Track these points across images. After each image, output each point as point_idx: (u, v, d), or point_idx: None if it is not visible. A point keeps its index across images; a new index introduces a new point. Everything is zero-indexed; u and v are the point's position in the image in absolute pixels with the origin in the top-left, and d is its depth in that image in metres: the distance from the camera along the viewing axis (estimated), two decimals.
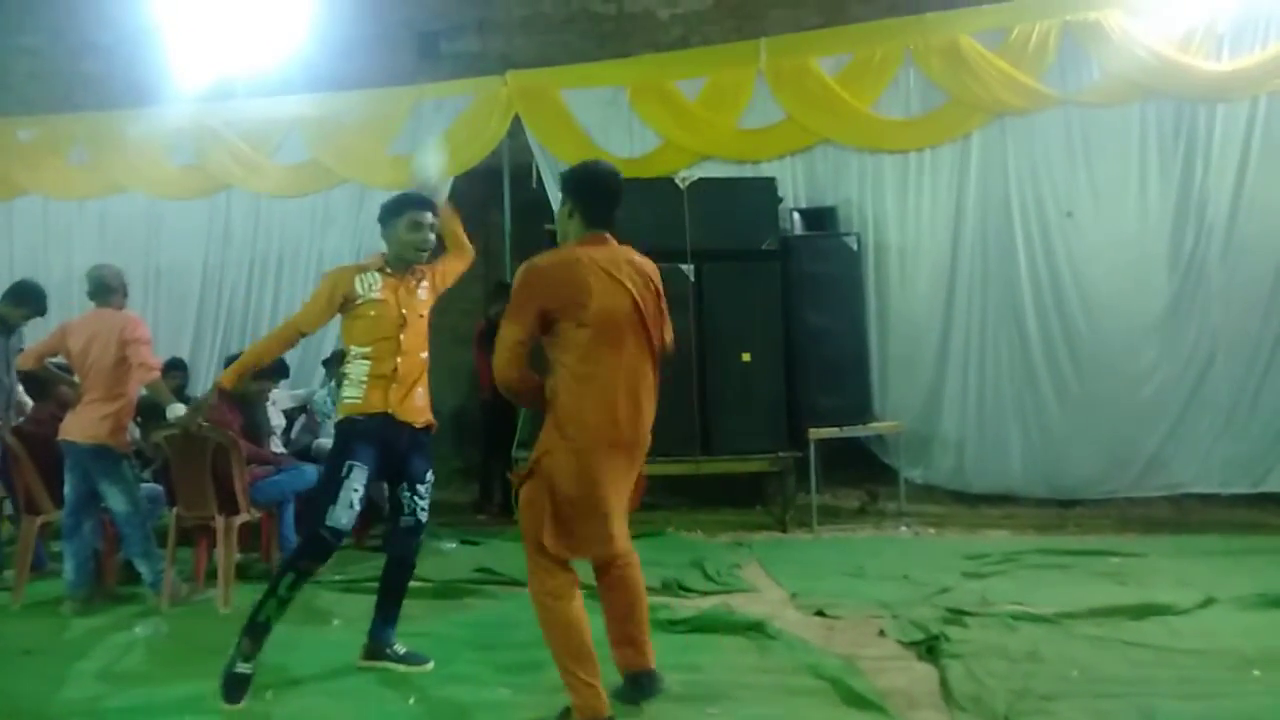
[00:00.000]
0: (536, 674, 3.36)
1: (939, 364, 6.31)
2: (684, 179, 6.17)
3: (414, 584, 4.59)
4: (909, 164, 6.41)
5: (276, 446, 5.55)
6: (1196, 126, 5.87)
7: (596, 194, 2.96)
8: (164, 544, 4.54)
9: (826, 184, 6.57)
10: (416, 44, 7.48)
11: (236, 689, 3.12)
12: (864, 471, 6.50)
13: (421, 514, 3.50)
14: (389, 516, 3.63)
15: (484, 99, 6.83)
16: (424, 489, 3.49)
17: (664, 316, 3.01)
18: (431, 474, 3.55)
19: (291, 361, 6.78)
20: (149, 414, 5.19)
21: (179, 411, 4.43)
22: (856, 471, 6.52)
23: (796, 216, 6.40)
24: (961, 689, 3.08)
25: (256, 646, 3.17)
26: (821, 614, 4.05)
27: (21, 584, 4.60)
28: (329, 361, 6.45)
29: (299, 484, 5.06)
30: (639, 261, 2.97)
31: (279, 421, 5.91)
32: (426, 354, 3.52)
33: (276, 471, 5.04)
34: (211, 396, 3.85)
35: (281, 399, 6.12)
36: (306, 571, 3.22)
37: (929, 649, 3.50)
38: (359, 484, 3.23)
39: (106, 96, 7.49)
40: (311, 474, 5.16)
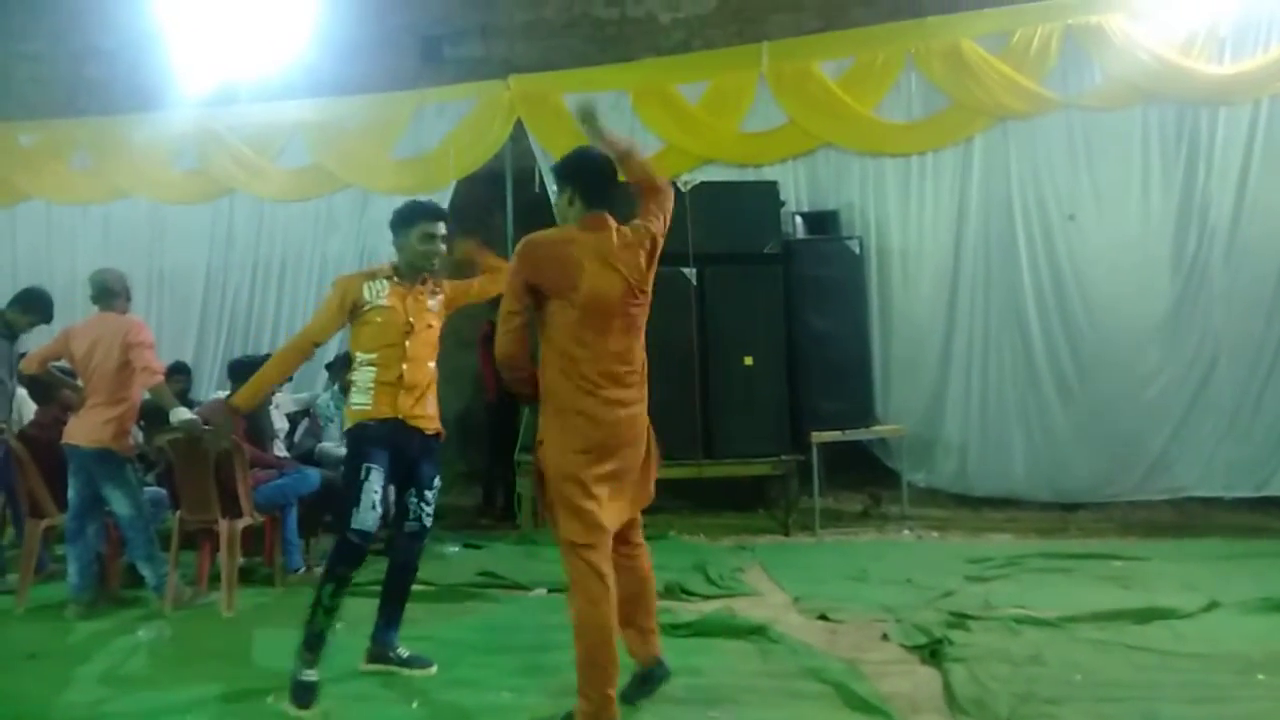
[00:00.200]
0: (540, 678, 3.36)
1: (941, 367, 6.31)
2: (686, 183, 6.18)
3: (417, 588, 4.59)
4: (911, 167, 6.41)
5: (279, 450, 5.54)
6: (1198, 130, 5.87)
7: (594, 176, 3.01)
8: (167, 547, 4.55)
9: (828, 187, 6.57)
10: (419, 48, 7.49)
11: (304, 695, 3.15)
12: (866, 475, 6.49)
13: (426, 519, 3.52)
14: (393, 521, 3.65)
15: (486, 103, 6.84)
16: (431, 495, 3.52)
17: (653, 264, 3.02)
18: (439, 480, 3.58)
19: None
20: (152, 418, 5.19)
21: (183, 415, 4.44)
22: (859, 475, 6.51)
23: (799, 220, 6.41)
24: (965, 693, 3.08)
25: (316, 655, 3.20)
26: (824, 618, 4.05)
27: (25, 588, 4.61)
28: (332, 365, 6.46)
29: (302, 488, 5.07)
30: (631, 237, 2.96)
31: (282, 425, 5.91)
32: (434, 364, 3.53)
33: (279, 475, 5.04)
34: (228, 424, 3.82)
35: (285, 403, 6.13)
36: (343, 578, 3.24)
37: (932, 653, 3.50)
38: (378, 485, 3.28)
39: (109, 101, 7.50)
40: (314, 478, 5.17)
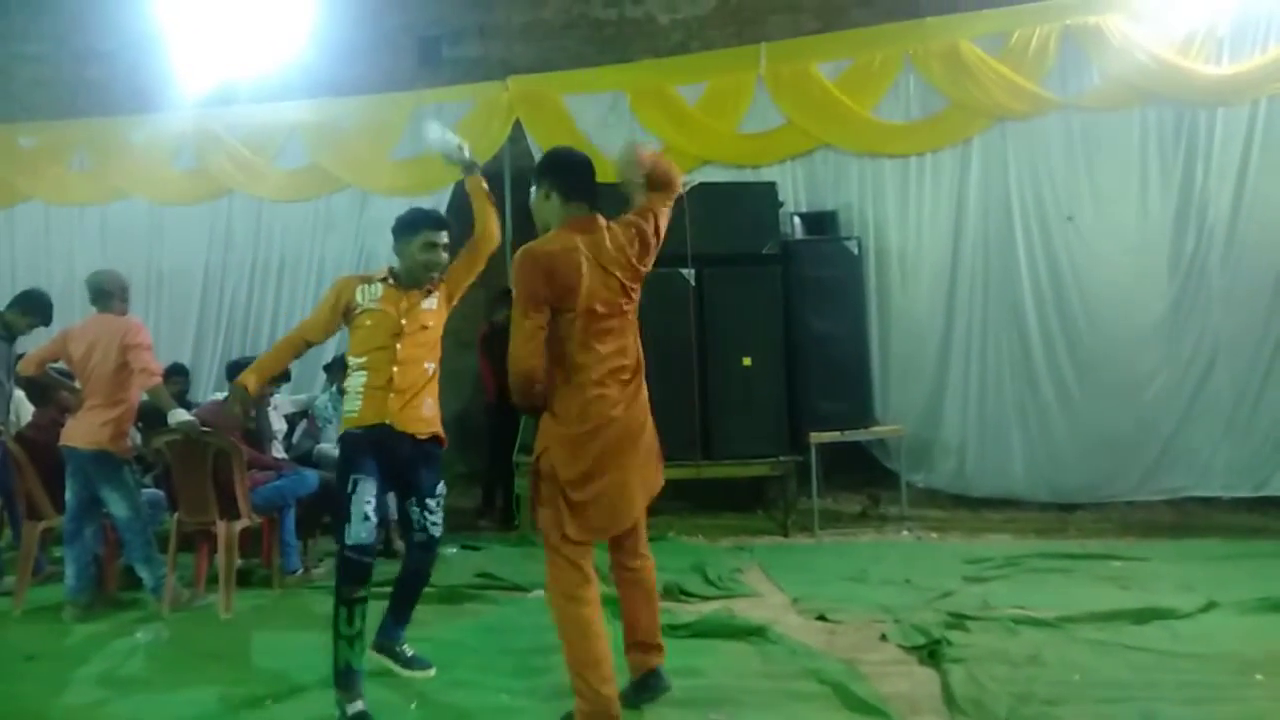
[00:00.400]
0: (538, 679, 3.36)
1: (940, 368, 6.31)
2: (684, 183, 6.16)
3: None
4: (909, 168, 6.41)
5: (278, 451, 5.54)
6: (1197, 130, 5.87)
7: (568, 169, 2.98)
8: (165, 549, 4.54)
9: (827, 188, 6.57)
10: (417, 49, 7.49)
11: None
12: (865, 476, 6.49)
13: (433, 529, 3.36)
14: (401, 531, 3.51)
15: (485, 104, 6.84)
16: (433, 503, 3.35)
17: (646, 258, 3.01)
18: (442, 487, 3.40)
19: (293, 366, 6.79)
20: (150, 419, 5.19)
21: (181, 417, 4.45)
22: (858, 476, 6.51)
23: (797, 221, 6.41)
24: (963, 693, 3.08)
25: (354, 689, 3.07)
26: (823, 619, 4.05)
27: (23, 590, 4.60)
28: (330, 366, 6.45)
29: (300, 489, 5.06)
30: (623, 236, 2.94)
31: (280, 426, 5.91)
32: (433, 365, 3.39)
33: (277, 476, 5.04)
34: (241, 401, 3.51)
35: (283, 404, 6.12)
36: (352, 599, 3.10)
37: (931, 653, 3.50)
38: (368, 496, 3.16)
39: (108, 102, 7.50)
40: (312, 479, 5.16)
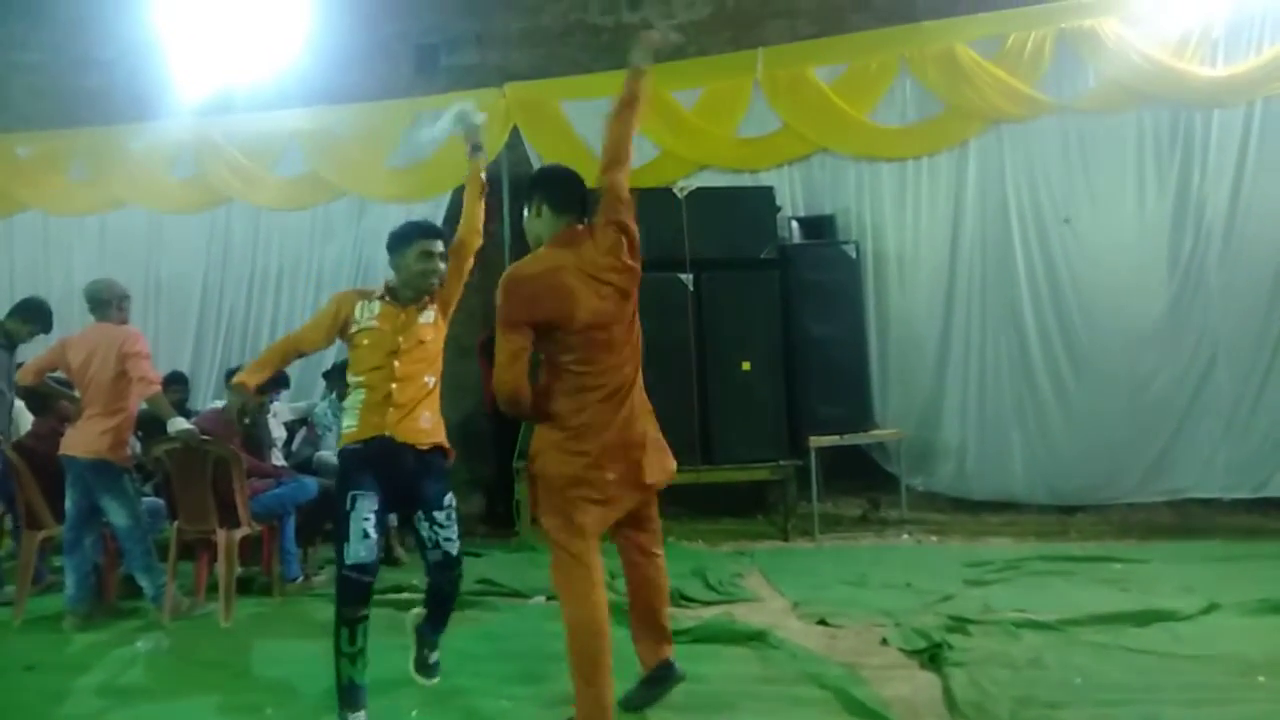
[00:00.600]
0: (538, 685, 3.36)
1: (939, 371, 6.32)
2: (682, 189, 6.19)
3: (416, 595, 4.62)
4: (906, 172, 6.43)
5: (277, 459, 5.54)
6: (1193, 132, 5.88)
7: (555, 182, 3.01)
8: (165, 558, 4.54)
9: (824, 192, 6.58)
10: (415, 57, 7.49)
11: None
12: (865, 479, 6.49)
13: (447, 545, 3.15)
14: (420, 554, 3.30)
15: (482, 111, 6.83)
16: (442, 516, 3.15)
17: (636, 255, 2.97)
18: (451, 499, 3.21)
19: (292, 374, 6.78)
20: (150, 428, 5.19)
21: (180, 425, 4.45)
22: (858, 480, 6.51)
23: (795, 225, 6.42)
24: (965, 697, 3.08)
25: (358, 704, 3.00)
26: (824, 623, 4.04)
27: (23, 599, 4.59)
28: (329, 374, 6.45)
29: (300, 497, 5.06)
30: (609, 240, 2.92)
31: (280, 434, 5.91)
32: (433, 378, 3.30)
33: (277, 484, 5.04)
34: (242, 398, 3.38)
35: (282, 411, 6.13)
36: (352, 619, 2.99)
37: (932, 657, 3.50)
38: (367, 512, 3.03)
39: (106, 111, 7.50)
40: (312, 487, 5.16)
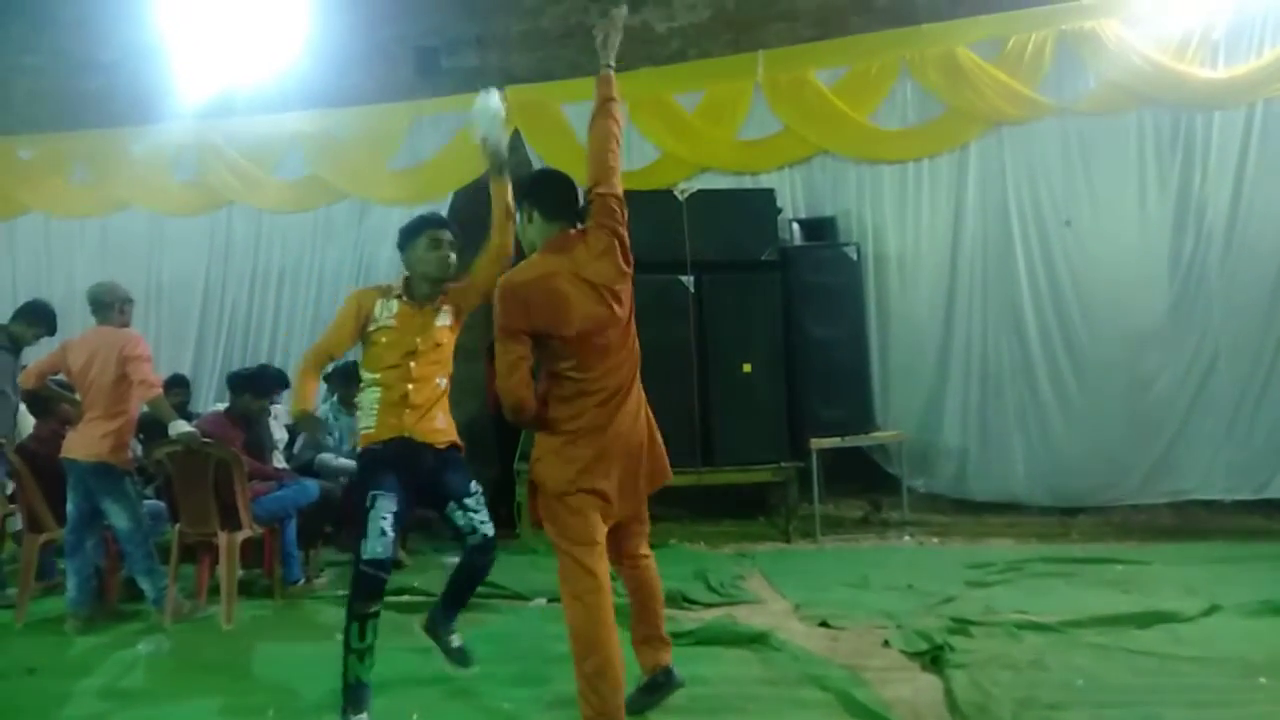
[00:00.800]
0: (540, 688, 3.36)
1: (940, 373, 6.32)
2: (683, 191, 6.20)
3: (416, 598, 4.64)
4: (907, 174, 6.43)
5: (279, 461, 5.54)
6: (1194, 134, 5.88)
7: (545, 188, 3.01)
8: (166, 561, 4.54)
9: (825, 194, 6.59)
10: (415, 59, 7.51)
11: None
12: (867, 481, 6.49)
13: (483, 527, 3.35)
14: (458, 541, 3.46)
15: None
16: (473, 501, 3.35)
17: (628, 259, 2.97)
18: (476, 485, 3.41)
19: (294, 376, 6.80)
20: (151, 431, 5.19)
21: (181, 428, 4.45)
22: (859, 481, 6.51)
23: (796, 227, 6.43)
24: (966, 699, 3.08)
25: (360, 705, 3.07)
26: (826, 625, 4.04)
27: (24, 602, 4.60)
28: (331, 376, 6.45)
29: (301, 499, 5.06)
30: (601, 244, 2.91)
31: (281, 436, 5.92)
32: (445, 380, 3.41)
33: (279, 487, 5.03)
34: (313, 424, 3.58)
35: (283, 414, 6.12)
36: (365, 614, 3.07)
37: (933, 659, 3.49)
38: (386, 512, 3.13)
39: (107, 114, 7.52)
40: (313, 489, 5.16)
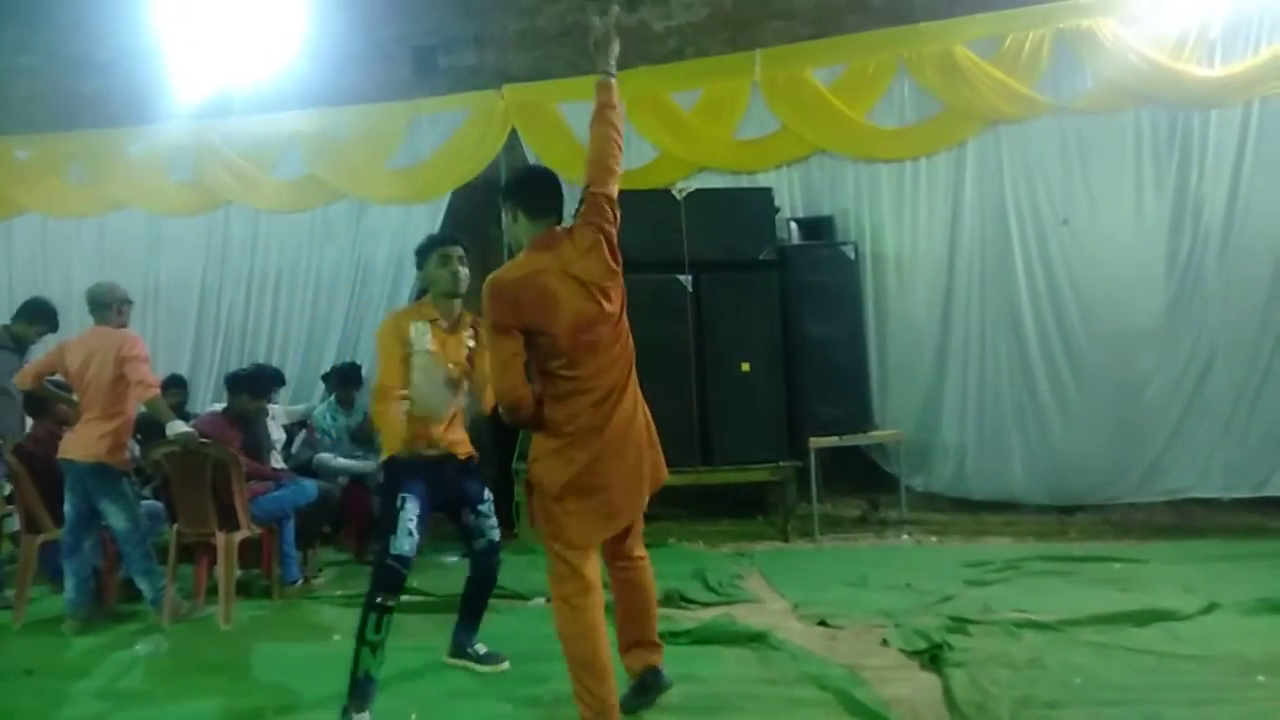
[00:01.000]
0: (539, 687, 3.36)
1: (938, 371, 6.32)
2: (681, 190, 6.19)
3: (415, 598, 4.63)
4: (905, 173, 6.42)
5: (277, 462, 5.54)
6: (1190, 132, 5.88)
7: (527, 186, 3.01)
8: (164, 561, 4.54)
9: (823, 193, 6.58)
10: (413, 59, 7.50)
11: None
12: (865, 480, 6.49)
13: (491, 532, 3.66)
14: (465, 545, 3.77)
15: (481, 113, 6.86)
16: (485, 508, 3.65)
17: (616, 258, 2.94)
18: (488, 493, 3.70)
19: (291, 375, 6.80)
20: (148, 431, 5.19)
21: (179, 429, 4.44)
22: (857, 480, 6.51)
23: (793, 226, 6.42)
24: (965, 697, 3.08)
25: (364, 702, 3.16)
26: (824, 624, 4.04)
27: (23, 603, 4.59)
28: (328, 376, 6.46)
29: (299, 499, 5.06)
30: (587, 241, 2.90)
31: (279, 436, 5.91)
32: (463, 396, 3.59)
33: (277, 487, 5.03)
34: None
35: (280, 414, 6.12)
36: (384, 606, 3.24)
37: (932, 658, 3.50)
38: (413, 514, 3.35)
39: (104, 114, 7.50)
40: (311, 489, 5.16)
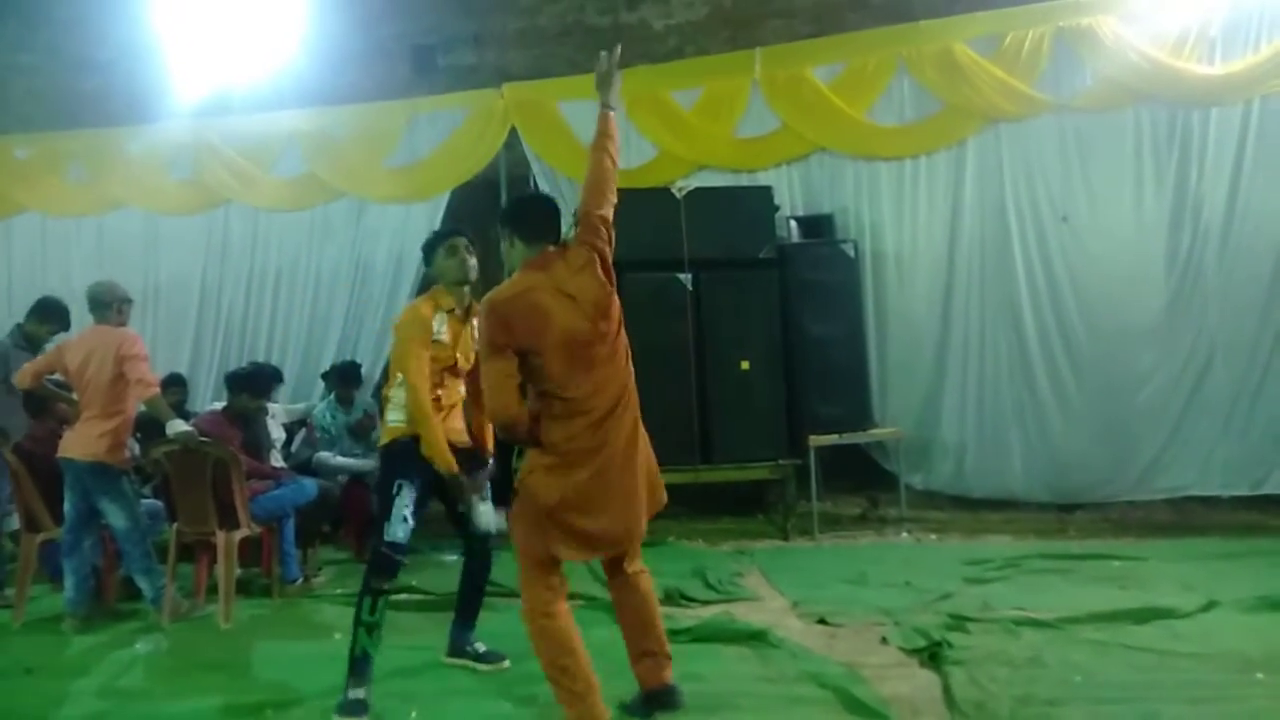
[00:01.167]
0: (537, 685, 3.34)
1: (938, 369, 6.32)
2: (681, 189, 6.19)
3: (414, 596, 4.64)
4: (904, 171, 6.42)
5: (276, 460, 5.54)
6: (1190, 130, 5.88)
7: (524, 213, 3.04)
8: (164, 560, 4.54)
9: (823, 192, 6.58)
10: (412, 57, 7.49)
11: (356, 710, 3.19)
12: (864, 478, 6.49)
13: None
14: (459, 531, 3.75)
15: (480, 112, 6.86)
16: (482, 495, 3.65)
17: (610, 277, 2.93)
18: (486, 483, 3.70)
19: (290, 374, 6.80)
20: (148, 430, 5.19)
21: (179, 427, 4.44)
22: (857, 478, 6.51)
23: (793, 224, 6.42)
24: (964, 695, 3.08)
25: (364, 678, 3.24)
26: (824, 622, 4.05)
27: (23, 602, 4.59)
28: (328, 375, 6.46)
29: (299, 498, 5.06)
30: (581, 260, 2.90)
31: (279, 435, 5.91)
32: (463, 386, 3.66)
33: (276, 486, 5.03)
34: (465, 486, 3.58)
35: (280, 413, 6.12)
36: (380, 590, 3.31)
37: (931, 656, 3.50)
38: (409, 500, 3.38)
39: (104, 113, 7.49)
40: (311, 488, 5.16)
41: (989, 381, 6.20)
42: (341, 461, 5.82)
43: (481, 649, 3.69)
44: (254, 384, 5.27)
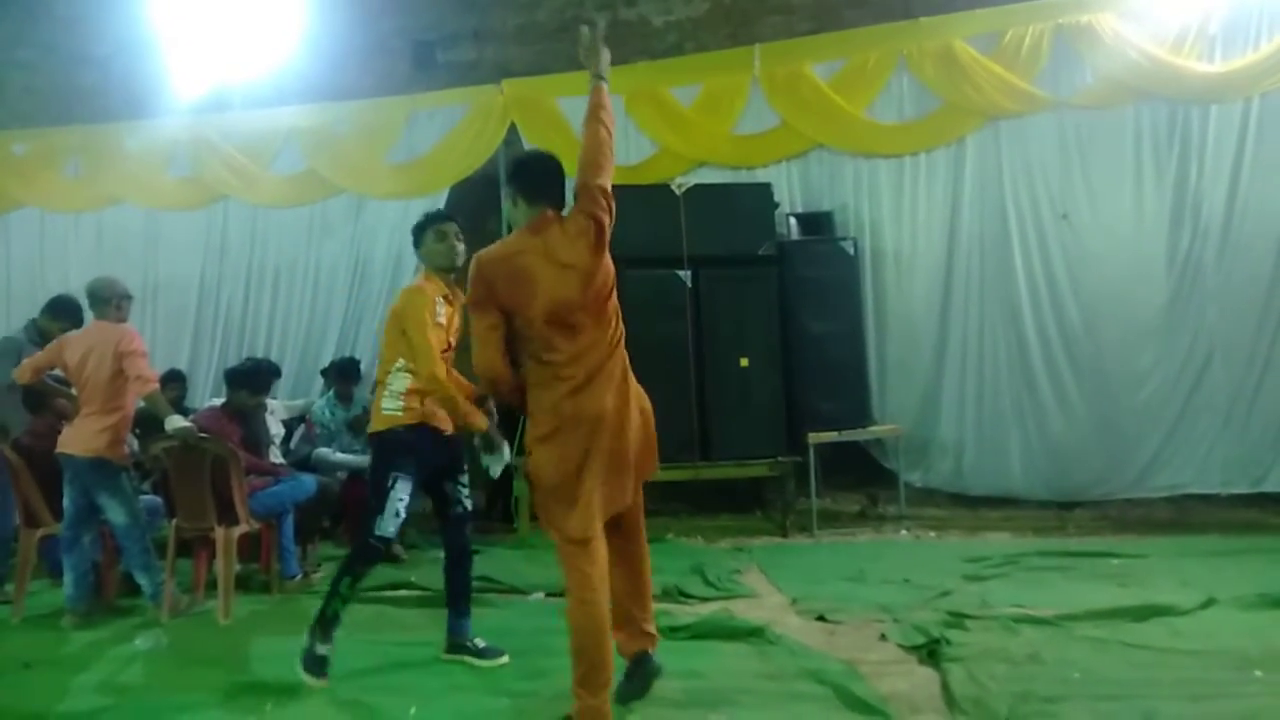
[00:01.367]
0: (538, 681, 3.36)
1: (937, 367, 6.32)
2: (680, 185, 6.19)
3: (413, 592, 4.64)
4: (904, 168, 6.42)
5: (275, 457, 5.54)
6: (1190, 128, 5.88)
7: (527, 171, 3.05)
8: (163, 556, 4.53)
9: (822, 189, 6.58)
10: (412, 53, 7.49)
11: (319, 666, 3.34)
12: (863, 475, 6.50)
13: (467, 501, 3.73)
14: (438, 514, 3.78)
15: (480, 108, 6.85)
16: (463, 477, 3.71)
17: (602, 250, 2.92)
18: (466, 464, 3.74)
19: (289, 370, 6.81)
20: (147, 426, 5.19)
21: (178, 423, 4.43)
22: (856, 475, 6.52)
23: (793, 221, 6.42)
24: (963, 692, 3.08)
25: (330, 633, 3.38)
26: (822, 619, 4.04)
27: (22, 597, 4.59)
28: (327, 371, 6.45)
29: (298, 494, 5.05)
30: (576, 227, 2.91)
31: (278, 431, 5.91)
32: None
33: (275, 482, 5.02)
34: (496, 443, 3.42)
35: (279, 409, 6.12)
36: (360, 574, 3.44)
37: (930, 653, 3.50)
38: (404, 494, 3.41)
39: (102, 109, 7.49)
40: (310, 484, 5.15)
41: (988, 379, 6.20)
42: (340, 457, 5.82)
43: (480, 645, 3.68)
44: (253, 380, 5.26)
